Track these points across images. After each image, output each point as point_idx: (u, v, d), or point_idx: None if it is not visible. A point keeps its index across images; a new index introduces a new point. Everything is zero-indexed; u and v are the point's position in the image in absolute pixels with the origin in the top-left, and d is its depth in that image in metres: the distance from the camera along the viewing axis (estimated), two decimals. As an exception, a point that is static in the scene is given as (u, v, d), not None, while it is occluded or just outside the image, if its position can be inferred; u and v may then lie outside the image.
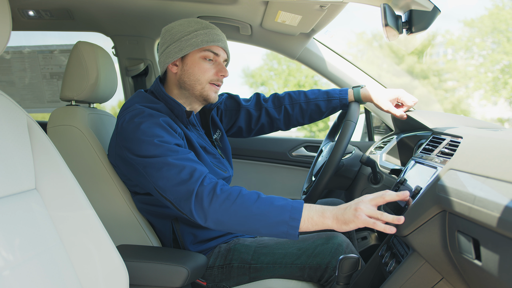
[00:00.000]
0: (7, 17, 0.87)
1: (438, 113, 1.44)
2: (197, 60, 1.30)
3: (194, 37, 1.28)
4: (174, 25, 1.33)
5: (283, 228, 1.03)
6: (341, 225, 1.02)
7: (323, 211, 1.04)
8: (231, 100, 1.60)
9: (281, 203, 1.05)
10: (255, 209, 1.04)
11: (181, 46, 1.29)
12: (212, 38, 1.29)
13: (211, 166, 1.32)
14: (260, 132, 1.65)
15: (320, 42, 1.94)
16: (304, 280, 1.30)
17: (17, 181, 0.86)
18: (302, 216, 1.03)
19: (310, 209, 1.05)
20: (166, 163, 1.11)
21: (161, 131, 1.16)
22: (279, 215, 1.03)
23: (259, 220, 1.04)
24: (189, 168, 1.10)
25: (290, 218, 1.03)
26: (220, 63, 1.33)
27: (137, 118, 1.18)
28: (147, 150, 1.14)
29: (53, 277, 0.87)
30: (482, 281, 0.74)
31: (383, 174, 1.47)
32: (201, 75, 1.30)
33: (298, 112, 1.59)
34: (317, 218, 1.04)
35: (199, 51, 1.29)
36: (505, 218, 0.62)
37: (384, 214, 0.98)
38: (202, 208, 1.06)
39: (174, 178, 1.09)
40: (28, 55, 2.30)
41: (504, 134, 0.91)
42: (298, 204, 1.05)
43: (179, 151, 1.15)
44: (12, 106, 0.90)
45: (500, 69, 15.41)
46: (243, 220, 1.05)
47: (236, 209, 1.04)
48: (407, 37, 1.24)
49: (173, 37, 1.30)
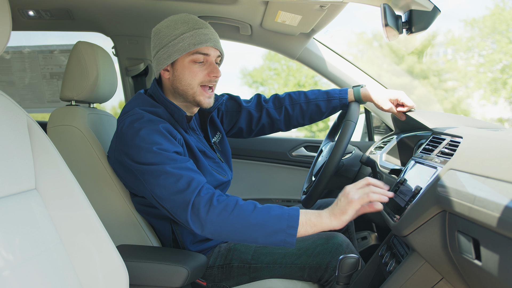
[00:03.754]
0: (7, 17, 0.87)
1: (438, 113, 1.44)
2: (187, 65, 1.25)
3: (180, 41, 1.23)
4: (161, 27, 1.28)
5: (281, 236, 1.04)
6: (340, 217, 1.04)
7: (319, 212, 1.07)
8: (232, 101, 1.59)
9: (277, 212, 1.06)
10: (252, 219, 1.05)
11: (169, 52, 1.25)
12: (199, 39, 1.24)
13: (209, 170, 1.31)
14: (260, 132, 1.65)
15: (320, 42, 1.94)
16: (304, 280, 1.30)
17: (17, 181, 0.86)
18: (299, 221, 1.05)
19: (306, 213, 1.07)
20: (164, 172, 1.11)
21: (160, 138, 1.15)
22: (277, 224, 1.04)
23: (256, 230, 1.05)
24: (187, 177, 1.10)
25: (288, 226, 1.04)
26: (211, 63, 1.28)
27: (137, 123, 1.17)
28: (145, 157, 1.13)
29: (53, 277, 0.87)
30: (482, 281, 0.74)
31: (383, 174, 1.47)
32: (192, 79, 1.26)
33: (299, 112, 1.58)
34: (315, 219, 1.06)
35: (188, 55, 1.25)
36: (505, 218, 0.62)
37: (372, 189, 1.05)
38: (199, 219, 1.06)
39: (171, 187, 1.09)
40: (28, 55, 2.30)
41: (504, 134, 0.91)
42: (295, 212, 1.07)
43: (178, 159, 1.14)
44: (12, 106, 0.90)
45: (500, 69, 15.41)
46: (240, 230, 1.05)
47: (233, 220, 1.05)
48: (407, 37, 1.24)
49: (161, 41, 1.27)
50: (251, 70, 19.51)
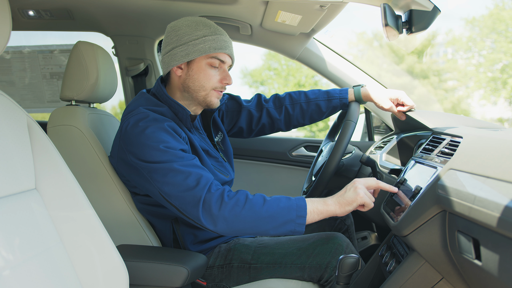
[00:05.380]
0: (7, 17, 0.87)
1: (438, 113, 1.44)
2: (203, 67, 1.27)
3: (202, 43, 1.25)
4: (181, 25, 1.28)
5: (291, 226, 1.11)
6: (345, 207, 1.13)
7: (325, 200, 1.15)
8: (232, 101, 1.59)
9: (286, 204, 1.12)
10: (264, 212, 1.09)
11: (188, 51, 1.26)
12: (220, 45, 1.26)
13: (212, 170, 1.31)
14: (260, 132, 1.65)
15: (320, 42, 1.94)
16: (304, 280, 1.30)
17: (17, 181, 0.86)
18: (307, 210, 1.12)
19: (312, 202, 1.14)
20: (172, 169, 1.11)
21: (166, 136, 1.16)
22: (287, 215, 1.10)
23: (268, 222, 1.09)
24: (195, 174, 1.11)
25: (297, 217, 1.10)
26: (225, 70, 1.31)
27: (142, 122, 1.18)
28: (152, 155, 1.13)
29: (53, 277, 0.87)
30: (482, 281, 0.74)
31: (383, 174, 1.47)
32: (206, 81, 1.28)
33: (299, 112, 1.59)
34: (322, 207, 1.14)
35: (206, 58, 1.27)
36: (505, 218, 0.62)
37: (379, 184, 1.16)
38: (211, 215, 1.08)
39: (180, 184, 1.10)
40: (28, 55, 2.30)
41: (504, 134, 0.91)
42: (302, 202, 1.13)
43: (185, 157, 1.15)
44: (12, 106, 0.90)
45: (500, 69, 15.41)
46: (253, 224, 1.09)
47: (246, 214, 1.09)
48: (407, 37, 1.24)
49: (180, 39, 1.27)
50: (251, 70, 19.53)
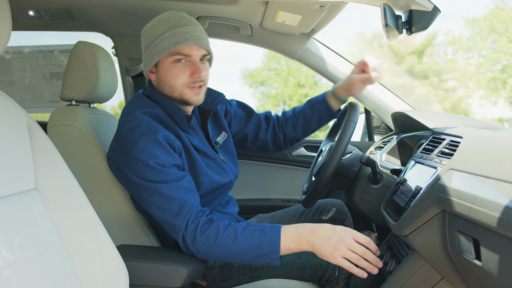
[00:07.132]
0: (7, 17, 0.87)
1: (438, 113, 1.44)
2: (168, 66, 1.22)
3: (160, 42, 1.19)
4: (146, 28, 1.26)
5: (264, 260, 1.09)
6: (318, 254, 1.06)
7: (299, 238, 1.07)
8: (242, 108, 1.60)
9: (258, 240, 1.08)
10: (234, 249, 1.08)
11: (152, 54, 1.22)
12: (179, 39, 1.18)
13: (206, 171, 1.29)
14: (262, 146, 1.63)
15: (320, 42, 1.94)
16: (304, 279, 1.30)
17: (17, 181, 0.86)
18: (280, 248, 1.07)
19: (286, 238, 1.07)
20: (157, 192, 1.12)
21: (158, 150, 1.13)
22: (258, 251, 1.08)
23: (240, 256, 1.09)
24: (179, 201, 1.11)
25: (270, 251, 1.07)
26: (194, 63, 1.22)
27: (136, 130, 1.15)
28: (141, 171, 1.13)
29: (53, 277, 0.87)
30: (482, 281, 0.74)
31: (383, 174, 1.47)
32: (175, 81, 1.23)
33: (291, 127, 1.60)
34: (294, 246, 1.08)
35: (168, 56, 1.21)
36: (505, 218, 0.62)
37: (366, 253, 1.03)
38: (187, 247, 1.12)
39: (164, 209, 1.12)
40: (28, 55, 2.30)
41: (504, 134, 0.91)
42: (275, 237, 1.07)
43: (173, 176, 1.13)
44: (12, 106, 0.90)
45: (500, 69, 15.41)
46: (226, 258, 1.11)
47: (216, 250, 1.09)
48: (407, 37, 1.24)
49: (145, 43, 1.25)
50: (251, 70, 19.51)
